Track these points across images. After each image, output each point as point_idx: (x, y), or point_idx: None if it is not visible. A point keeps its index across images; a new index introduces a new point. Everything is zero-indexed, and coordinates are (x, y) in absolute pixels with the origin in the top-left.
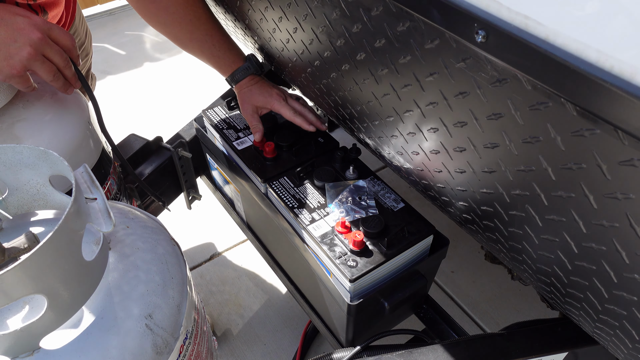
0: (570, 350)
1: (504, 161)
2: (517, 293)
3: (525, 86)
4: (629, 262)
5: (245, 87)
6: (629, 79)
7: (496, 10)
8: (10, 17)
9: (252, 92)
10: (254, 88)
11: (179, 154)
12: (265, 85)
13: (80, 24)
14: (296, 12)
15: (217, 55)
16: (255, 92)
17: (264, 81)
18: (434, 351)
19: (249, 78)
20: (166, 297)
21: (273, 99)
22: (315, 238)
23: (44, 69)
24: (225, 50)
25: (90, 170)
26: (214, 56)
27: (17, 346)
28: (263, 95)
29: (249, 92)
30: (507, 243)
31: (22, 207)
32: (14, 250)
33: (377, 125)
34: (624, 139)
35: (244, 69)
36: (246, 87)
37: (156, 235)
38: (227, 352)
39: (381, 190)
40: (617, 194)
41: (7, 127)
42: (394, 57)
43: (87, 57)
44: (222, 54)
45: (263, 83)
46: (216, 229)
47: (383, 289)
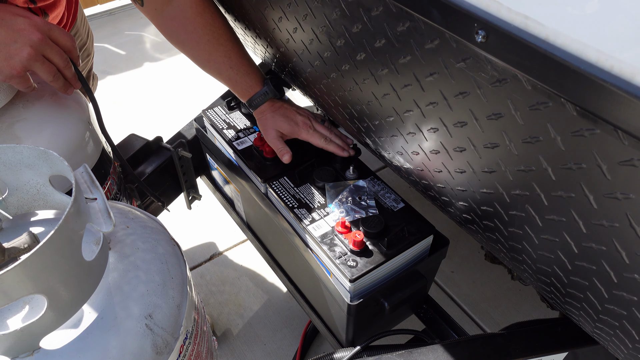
0: (570, 350)
1: (504, 161)
2: (517, 293)
3: (525, 86)
4: (629, 262)
5: (268, 113)
6: (629, 79)
7: (496, 10)
8: (11, 18)
9: (276, 120)
10: (276, 115)
11: (179, 154)
12: (288, 111)
13: (82, 25)
14: (296, 12)
15: (235, 79)
16: (279, 119)
17: (287, 106)
18: (434, 351)
19: (269, 103)
20: (166, 297)
21: (300, 128)
22: (315, 238)
23: (44, 69)
24: (244, 74)
25: (90, 170)
26: (231, 79)
27: (17, 346)
28: (289, 123)
29: (272, 119)
30: (507, 243)
31: (22, 207)
32: (14, 250)
33: (377, 125)
34: (623, 139)
35: (262, 94)
36: (268, 113)
37: (156, 235)
38: (227, 352)
39: (381, 190)
40: (617, 193)
41: (7, 127)
42: (394, 57)
43: (88, 58)
44: (239, 77)
45: (286, 109)
46: (216, 229)
47: (383, 289)
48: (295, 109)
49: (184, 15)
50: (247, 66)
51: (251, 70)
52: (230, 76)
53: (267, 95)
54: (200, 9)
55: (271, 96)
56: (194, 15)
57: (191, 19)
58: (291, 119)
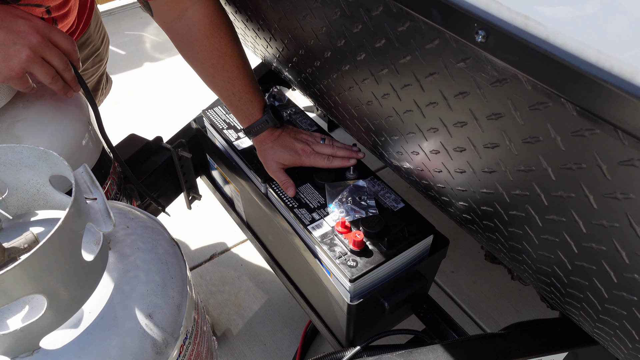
0: (570, 350)
1: (504, 161)
2: (517, 293)
3: (525, 86)
4: (629, 262)
5: (267, 144)
6: (629, 79)
7: (496, 10)
8: (10, 19)
9: (276, 151)
10: (276, 146)
11: (179, 154)
12: (287, 140)
13: (95, 31)
14: (296, 11)
15: (236, 105)
16: (279, 150)
17: (285, 135)
18: (434, 351)
19: (268, 132)
20: (166, 297)
21: (301, 157)
22: (315, 238)
23: (42, 71)
24: (245, 101)
25: (90, 170)
26: (232, 105)
27: (17, 346)
28: (289, 153)
29: (272, 151)
30: (507, 243)
31: (22, 207)
32: (14, 250)
33: (377, 125)
34: (624, 139)
35: (261, 123)
36: (267, 143)
37: (156, 235)
38: (227, 352)
39: (381, 190)
40: (617, 193)
41: (7, 127)
42: (394, 57)
43: (100, 63)
44: (240, 104)
45: (285, 138)
46: (216, 229)
47: (383, 289)
48: (294, 135)
49: (192, 35)
50: (250, 94)
51: (254, 97)
52: (232, 102)
53: (267, 124)
54: (209, 32)
55: (271, 125)
56: (201, 37)
57: (198, 40)
58: (291, 149)
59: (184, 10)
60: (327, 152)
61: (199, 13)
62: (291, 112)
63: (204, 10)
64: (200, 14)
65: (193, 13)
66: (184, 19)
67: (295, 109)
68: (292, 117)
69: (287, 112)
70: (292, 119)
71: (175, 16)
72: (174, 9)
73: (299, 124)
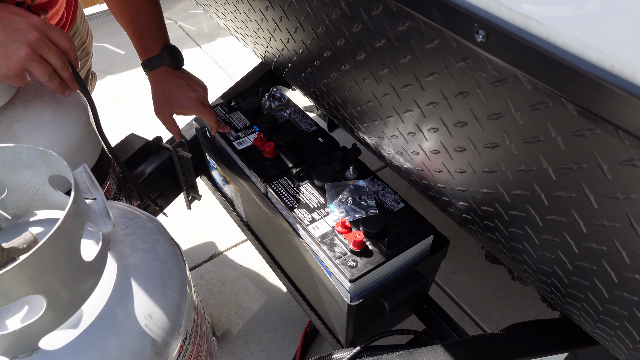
0: (571, 350)
1: (505, 161)
2: (518, 293)
3: (525, 86)
4: (630, 262)
5: (160, 81)
6: (629, 79)
7: (496, 10)
8: (9, 17)
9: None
10: (169, 85)
11: (179, 154)
12: (182, 84)
13: (81, 23)
14: (296, 11)
15: (138, 37)
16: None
17: (182, 77)
18: (434, 351)
19: (164, 70)
20: (166, 298)
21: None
22: (315, 238)
23: (40, 69)
24: (147, 35)
25: (89, 170)
26: (135, 37)
27: (16, 346)
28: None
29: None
30: (508, 243)
31: (21, 207)
32: (13, 250)
33: (377, 125)
34: (624, 139)
35: (157, 58)
36: (160, 80)
37: (156, 235)
38: (227, 352)
39: (381, 190)
40: (617, 193)
41: (6, 127)
42: (394, 57)
43: (87, 57)
44: (142, 37)
45: (179, 81)
46: (216, 229)
47: (383, 289)
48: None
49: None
50: (153, 29)
51: (156, 33)
52: (135, 33)
53: (162, 62)
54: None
55: (165, 63)
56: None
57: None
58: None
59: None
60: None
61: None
62: (291, 112)
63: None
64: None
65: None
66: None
67: (295, 109)
68: (292, 117)
69: (287, 112)
70: (292, 119)
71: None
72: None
73: (299, 124)
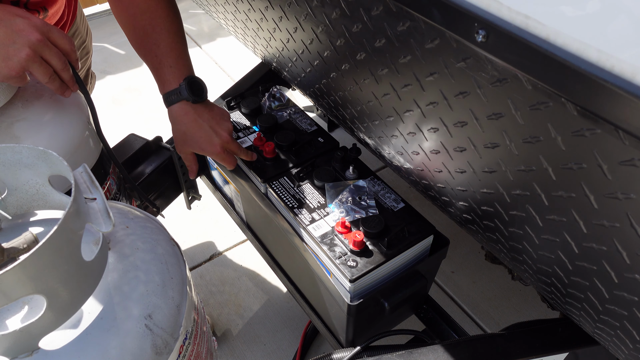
0: (571, 350)
1: (505, 161)
2: (518, 293)
3: (525, 86)
4: (630, 262)
5: (179, 120)
6: (629, 79)
7: (497, 9)
8: (10, 18)
9: (187, 134)
10: (189, 127)
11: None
12: (203, 127)
13: (81, 22)
14: (296, 11)
15: (156, 68)
16: (192, 134)
17: (205, 117)
18: (434, 351)
19: (184, 107)
20: (166, 298)
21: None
22: (315, 238)
23: (40, 70)
24: (165, 65)
25: (89, 170)
26: (154, 68)
27: (16, 346)
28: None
29: (183, 132)
30: (508, 243)
31: (21, 207)
32: (13, 250)
33: (377, 125)
34: (624, 139)
35: (175, 93)
36: (180, 119)
37: (156, 235)
38: (227, 352)
39: (381, 190)
40: (617, 193)
41: (6, 127)
42: (394, 57)
43: (87, 56)
44: (160, 67)
45: (201, 123)
46: (216, 229)
47: (383, 289)
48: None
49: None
50: (173, 59)
51: (176, 63)
52: (153, 64)
53: (180, 97)
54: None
55: (184, 98)
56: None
57: (134, 1)
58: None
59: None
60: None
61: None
62: (291, 112)
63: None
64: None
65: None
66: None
67: (295, 109)
68: (292, 117)
69: (287, 112)
70: (292, 119)
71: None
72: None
73: (299, 124)
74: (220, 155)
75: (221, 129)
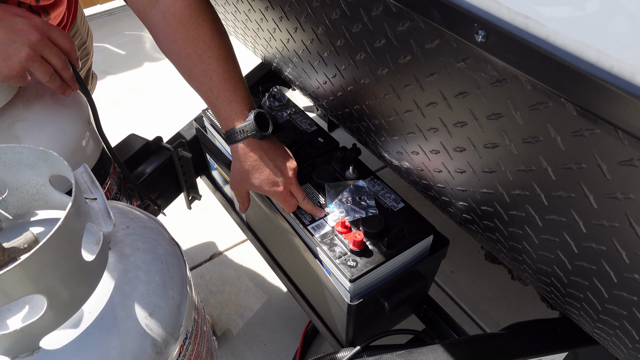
0: (570, 350)
1: (504, 161)
2: (517, 293)
3: (525, 86)
4: (629, 262)
5: (241, 158)
6: (629, 79)
7: (496, 10)
8: (10, 18)
9: (250, 172)
10: (255, 164)
11: (179, 154)
12: (268, 167)
13: (82, 23)
14: (296, 12)
15: (213, 104)
16: (254, 172)
17: (271, 155)
18: (434, 351)
19: (249, 142)
20: (166, 297)
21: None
22: (315, 238)
23: (41, 70)
24: (223, 100)
25: (90, 170)
26: (210, 103)
27: (16, 346)
28: (263, 187)
29: (245, 171)
30: (507, 243)
31: (22, 207)
32: (14, 250)
33: (377, 125)
34: (624, 139)
35: (238, 131)
36: (242, 157)
37: (156, 235)
38: (227, 352)
39: (381, 190)
40: (617, 193)
41: (7, 127)
42: (394, 57)
43: (87, 57)
44: (218, 103)
45: (264, 157)
46: (216, 229)
47: (383, 289)
48: (280, 160)
49: (166, 22)
50: (229, 92)
51: (234, 98)
52: (209, 99)
53: (244, 134)
54: (184, 18)
55: (250, 135)
56: (176, 24)
57: (173, 28)
58: (266, 177)
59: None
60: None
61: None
62: (291, 112)
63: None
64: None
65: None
66: (158, 5)
67: (295, 109)
68: (292, 117)
69: (287, 112)
70: (292, 119)
71: (149, 2)
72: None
73: (299, 124)
74: (282, 197)
75: (287, 168)
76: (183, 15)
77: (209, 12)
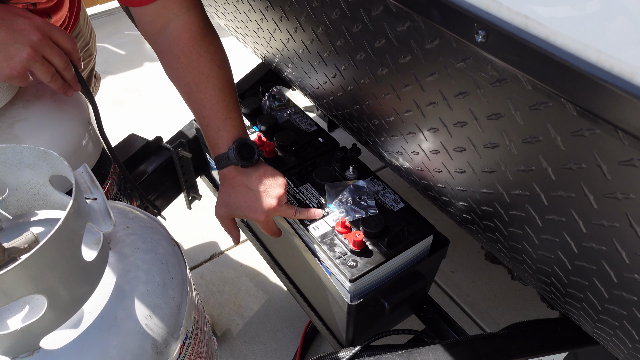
0: (570, 350)
1: (504, 161)
2: (517, 293)
3: (525, 86)
4: (629, 262)
5: (227, 184)
6: (629, 79)
7: (496, 10)
8: (11, 18)
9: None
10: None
11: (179, 154)
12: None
13: (84, 25)
14: (296, 12)
15: (205, 130)
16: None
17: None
18: (434, 351)
19: (232, 171)
20: (166, 297)
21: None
22: (315, 238)
23: (42, 70)
24: (212, 129)
25: (90, 170)
26: (203, 130)
27: (17, 346)
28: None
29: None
30: (507, 243)
31: (22, 207)
32: (14, 250)
33: (377, 125)
34: (623, 139)
35: (223, 157)
36: (228, 183)
37: (156, 235)
38: (227, 352)
39: (381, 190)
40: (617, 193)
41: (7, 127)
42: (394, 57)
43: (90, 57)
44: (208, 131)
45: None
46: (216, 229)
47: (383, 289)
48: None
49: (171, 51)
50: (219, 121)
51: (223, 126)
52: (202, 125)
53: (228, 162)
54: (187, 48)
55: (232, 163)
56: (179, 54)
57: (176, 57)
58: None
59: (166, 24)
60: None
61: (180, 27)
62: (291, 112)
63: (186, 25)
64: (181, 29)
65: (174, 27)
66: (166, 33)
67: (295, 109)
68: (292, 117)
69: (287, 112)
70: (292, 119)
71: (157, 29)
72: (156, 21)
73: (299, 124)
74: (262, 224)
75: (269, 196)
76: (186, 45)
77: (212, 42)
